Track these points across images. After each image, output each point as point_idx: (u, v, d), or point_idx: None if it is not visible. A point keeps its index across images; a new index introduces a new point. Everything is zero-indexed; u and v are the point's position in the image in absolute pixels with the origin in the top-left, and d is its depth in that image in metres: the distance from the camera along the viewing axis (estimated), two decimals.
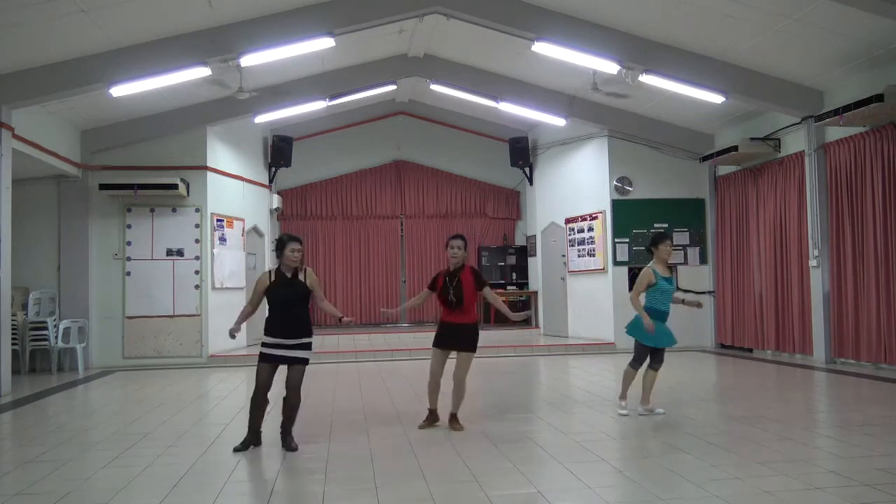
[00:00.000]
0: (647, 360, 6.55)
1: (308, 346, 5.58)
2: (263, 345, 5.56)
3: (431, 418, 6.20)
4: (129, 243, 11.30)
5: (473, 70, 11.87)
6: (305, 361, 5.57)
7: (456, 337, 6.07)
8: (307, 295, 5.62)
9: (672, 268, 7.02)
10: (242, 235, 12.57)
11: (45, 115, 9.92)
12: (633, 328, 6.49)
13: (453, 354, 6.13)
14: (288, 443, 5.47)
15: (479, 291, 6.12)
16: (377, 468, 4.87)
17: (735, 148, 10.84)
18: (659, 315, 6.41)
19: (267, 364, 5.54)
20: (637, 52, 9.48)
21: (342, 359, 11.77)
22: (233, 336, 5.76)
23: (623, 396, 6.61)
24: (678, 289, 12.07)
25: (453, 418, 6.11)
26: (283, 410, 5.55)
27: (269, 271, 5.74)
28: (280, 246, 5.62)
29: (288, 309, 5.53)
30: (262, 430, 5.61)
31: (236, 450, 5.43)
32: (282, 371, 5.57)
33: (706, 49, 9.51)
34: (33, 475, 4.89)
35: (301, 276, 5.64)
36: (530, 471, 4.76)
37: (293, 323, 5.54)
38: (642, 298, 6.46)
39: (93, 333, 11.13)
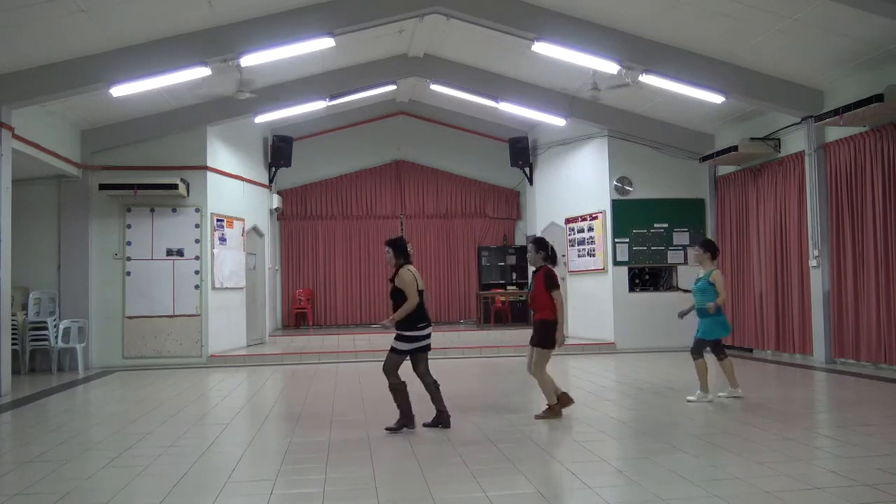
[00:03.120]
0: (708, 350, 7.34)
1: (396, 338, 6.06)
2: None
3: (564, 400, 6.55)
4: (129, 243, 11.30)
5: (473, 70, 11.87)
6: (392, 349, 6.07)
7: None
8: (396, 293, 6.07)
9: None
10: (242, 235, 12.57)
11: (45, 115, 9.91)
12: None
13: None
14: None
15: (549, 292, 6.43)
16: (377, 468, 4.87)
17: (735, 148, 10.84)
18: (698, 312, 7.22)
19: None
20: (637, 52, 9.48)
21: (342, 359, 11.77)
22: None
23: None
24: (678, 289, 12.26)
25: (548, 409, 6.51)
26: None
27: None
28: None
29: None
30: (413, 413, 6.08)
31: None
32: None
33: (706, 49, 9.51)
34: (33, 475, 4.89)
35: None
36: (530, 471, 4.76)
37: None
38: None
39: (93, 333, 11.12)
